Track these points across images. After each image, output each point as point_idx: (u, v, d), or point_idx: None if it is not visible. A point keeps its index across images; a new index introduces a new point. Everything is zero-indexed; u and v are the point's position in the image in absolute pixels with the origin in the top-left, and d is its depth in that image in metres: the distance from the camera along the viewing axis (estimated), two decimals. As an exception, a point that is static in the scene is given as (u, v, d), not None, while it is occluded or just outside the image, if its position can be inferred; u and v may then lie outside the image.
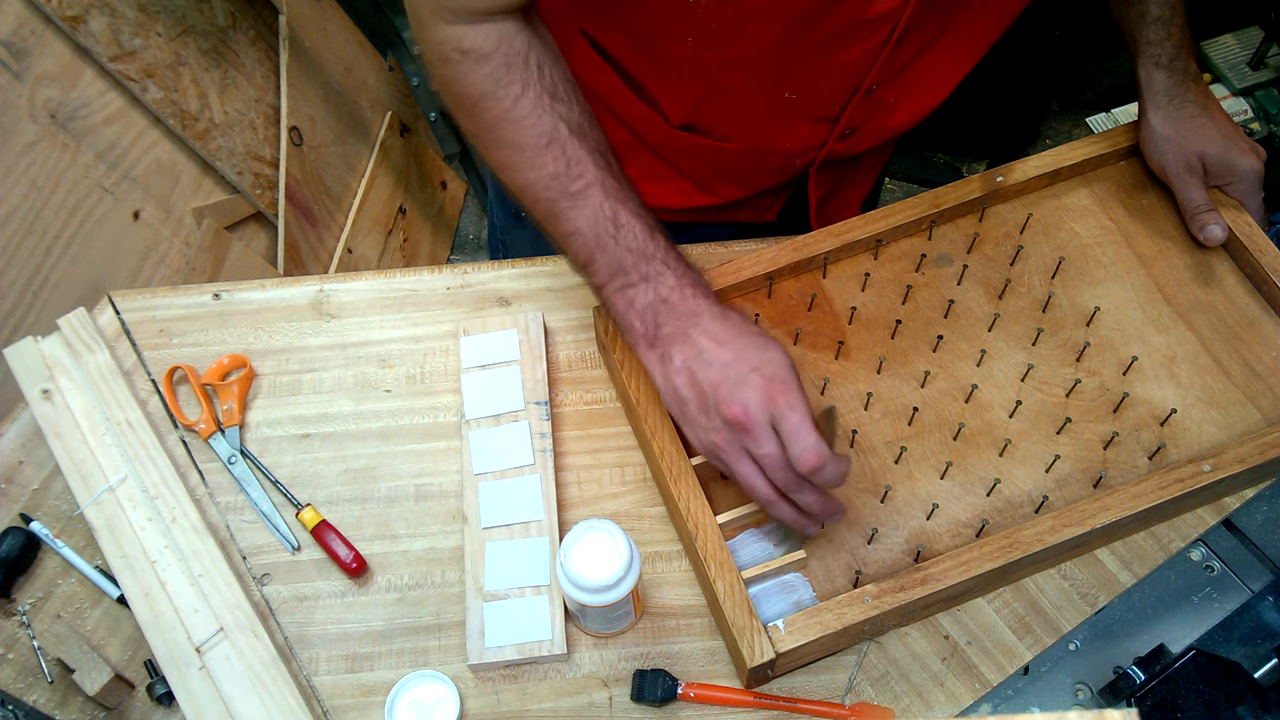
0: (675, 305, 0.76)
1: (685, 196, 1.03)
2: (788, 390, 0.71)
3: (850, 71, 0.86)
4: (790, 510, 0.75)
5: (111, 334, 1.00)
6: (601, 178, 0.76)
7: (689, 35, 0.82)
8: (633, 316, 0.77)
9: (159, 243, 1.45)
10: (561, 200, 0.76)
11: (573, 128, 0.76)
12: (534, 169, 0.76)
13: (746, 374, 0.71)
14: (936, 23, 0.84)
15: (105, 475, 0.90)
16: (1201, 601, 0.82)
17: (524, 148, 0.76)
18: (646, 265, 0.76)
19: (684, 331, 0.75)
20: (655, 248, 0.76)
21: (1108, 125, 1.87)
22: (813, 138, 0.95)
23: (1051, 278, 0.96)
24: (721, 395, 0.72)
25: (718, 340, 0.74)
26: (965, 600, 0.83)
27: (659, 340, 0.76)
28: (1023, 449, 0.87)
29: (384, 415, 0.96)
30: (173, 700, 0.82)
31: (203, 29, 1.53)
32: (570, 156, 0.76)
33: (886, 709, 0.79)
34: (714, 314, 0.75)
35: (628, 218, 0.76)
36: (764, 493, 0.74)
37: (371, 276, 1.04)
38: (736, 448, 0.73)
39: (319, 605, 0.87)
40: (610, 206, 0.76)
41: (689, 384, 0.74)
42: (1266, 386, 0.89)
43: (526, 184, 0.77)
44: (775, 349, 0.73)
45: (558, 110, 0.76)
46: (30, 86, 1.23)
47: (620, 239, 0.76)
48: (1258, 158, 0.95)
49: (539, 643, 0.82)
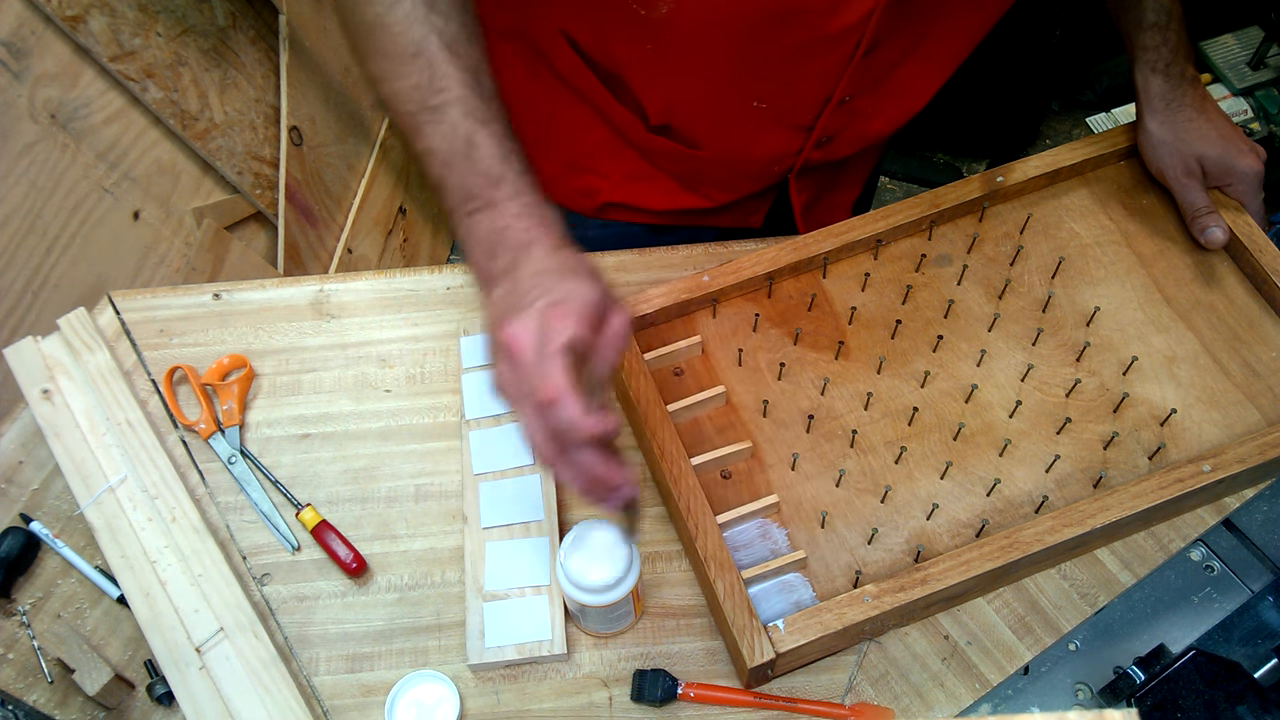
0: (512, 236, 0.68)
1: (670, 197, 1.02)
2: (565, 315, 0.62)
3: (819, 83, 0.85)
4: (571, 471, 0.65)
5: (111, 334, 1.00)
6: (464, 95, 0.70)
7: (647, 43, 0.81)
8: (472, 245, 0.70)
9: (159, 243, 1.45)
10: (420, 114, 0.71)
11: (445, 41, 0.71)
12: (399, 78, 0.71)
13: (534, 300, 0.63)
14: (909, 35, 0.83)
15: (105, 475, 0.90)
16: (1201, 601, 0.82)
17: (391, 55, 0.72)
18: (492, 190, 0.69)
19: (514, 264, 0.67)
20: (506, 170, 0.69)
21: (1108, 125, 1.88)
22: (788, 145, 0.94)
23: (1051, 278, 0.96)
24: (503, 320, 0.64)
25: (536, 270, 0.66)
26: (965, 600, 0.83)
27: (491, 274, 0.68)
28: (1023, 449, 0.87)
29: (384, 415, 0.96)
30: (173, 700, 0.82)
31: (203, 29, 1.53)
32: (436, 70, 0.71)
33: (886, 709, 0.79)
34: (548, 247, 0.67)
35: (484, 138, 0.70)
36: (539, 445, 0.64)
37: (371, 276, 1.04)
38: (515, 385, 0.64)
39: (319, 605, 0.87)
40: (467, 126, 0.70)
41: (494, 316, 0.66)
42: (1266, 386, 0.89)
43: (392, 94, 0.72)
44: (586, 284, 0.64)
45: (432, 21, 0.71)
46: (30, 86, 1.23)
47: (471, 160, 0.69)
48: (1257, 158, 0.95)
49: (539, 643, 0.82)
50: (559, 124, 0.98)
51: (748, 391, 0.91)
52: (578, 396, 0.61)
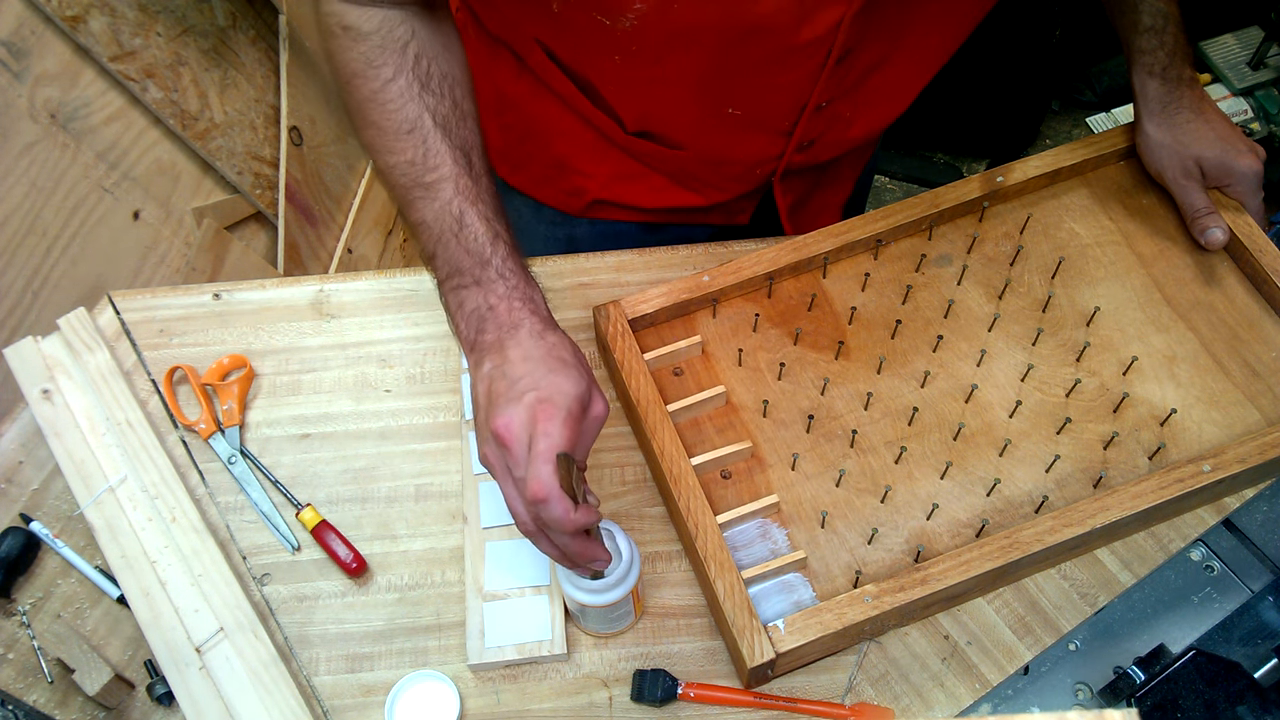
0: (499, 315, 0.73)
1: (658, 195, 1.01)
2: (551, 417, 0.68)
3: (793, 90, 0.85)
4: (549, 546, 0.72)
5: (111, 334, 1.00)
6: (456, 174, 0.75)
7: (615, 53, 0.82)
8: (460, 319, 0.75)
9: (159, 243, 1.45)
10: (414, 189, 0.75)
11: (438, 120, 0.75)
12: (393, 153, 0.76)
13: (524, 392, 0.69)
14: (882, 42, 0.83)
15: (105, 475, 0.90)
16: (1201, 601, 0.82)
17: (386, 131, 0.75)
18: (481, 270, 0.74)
19: (500, 342, 0.73)
20: (493, 254, 0.74)
21: (1108, 125, 1.88)
22: (768, 149, 0.94)
23: (1051, 278, 0.96)
24: (494, 409, 0.70)
25: (524, 356, 0.71)
26: (965, 600, 0.83)
27: (477, 346, 0.74)
28: (1023, 449, 0.87)
29: (384, 415, 0.96)
30: (173, 700, 0.82)
31: (203, 29, 1.53)
32: (429, 148, 0.75)
33: (886, 709, 0.79)
34: (534, 330, 0.73)
35: (474, 219, 0.75)
36: (522, 519, 0.71)
37: (371, 276, 1.04)
38: (503, 466, 0.70)
39: (319, 605, 0.87)
40: (459, 204, 0.75)
41: (485, 393, 0.72)
42: (1266, 386, 0.89)
43: (386, 168, 0.77)
44: (571, 378, 0.70)
45: (425, 100, 0.75)
46: (30, 86, 1.23)
47: (461, 238, 0.75)
48: (1256, 158, 0.95)
49: (539, 643, 0.82)
50: (545, 125, 0.98)
51: (748, 391, 0.91)
52: (563, 496, 0.67)
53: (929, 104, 1.00)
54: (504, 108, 1.00)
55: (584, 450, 0.72)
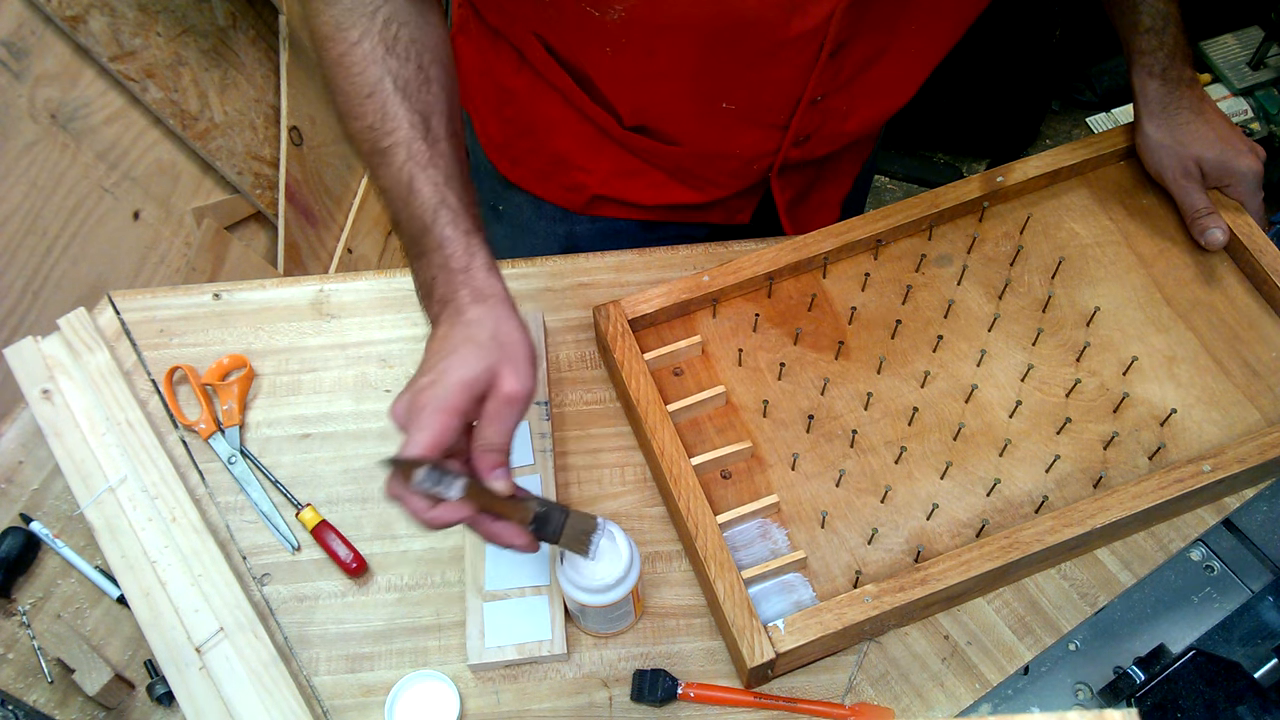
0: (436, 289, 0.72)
1: (657, 191, 1.01)
2: (423, 407, 0.66)
3: (787, 85, 0.85)
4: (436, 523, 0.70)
5: (111, 334, 1.00)
6: (410, 139, 0.73)
7: (606, 46, 0.81)
8: (418, 290, 0.74)
9: (159, 243, 1.45)
10: (374, 155, 0.74)
11: (398, 84, 0.73)
12: (356, 118, 0.74)
13: (419, 377, 0.68)
14: (877, 36, 0.83)
15: (105, 475, 0.90)
16: (1201, 601, 0.82)
17: (349, 95, 0.74)
18: (424, 238, 0.73)
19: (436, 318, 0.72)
20: (434, 220, 0.72)
21: (1108, 125, 1.88)
22: (764, 144, 0.93)
23: (1051, 278, 0.96)
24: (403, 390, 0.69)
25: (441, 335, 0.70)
26: (965, 600, 0.83)
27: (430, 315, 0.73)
28: (1023, 449, 0.87)
29: (384, 415, 0.96)
30: (173, 700, 0.82)
31: (203, 29, 1.53)
32: (387, 112, 0.73)
33: (886, 709, 0.79)
34: (458, 306, 0.70)
35: (422, 184, 0.72)
36: None
37: (371, 276, 1.04)
38: None
39: (319, 605, 0.87)
40: (409, 169, 0.72)
41: None
42: (1266, 386, 0.89)
43: (351, 133, 0.76)
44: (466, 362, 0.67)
45: (388, 64, 0.74)
46: (30, 86, 1.23)
47: (410, 206, 0.73)
48: (1256, 158, 0.95)
49: (539, 643, 0.82)
50: (544, 120, 0.98)
51: (748, 391, 0.91)
52: (412, 497, 0.66)
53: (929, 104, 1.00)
54: (504, 102, 1.00)
55: (499, 432, 0.68)
